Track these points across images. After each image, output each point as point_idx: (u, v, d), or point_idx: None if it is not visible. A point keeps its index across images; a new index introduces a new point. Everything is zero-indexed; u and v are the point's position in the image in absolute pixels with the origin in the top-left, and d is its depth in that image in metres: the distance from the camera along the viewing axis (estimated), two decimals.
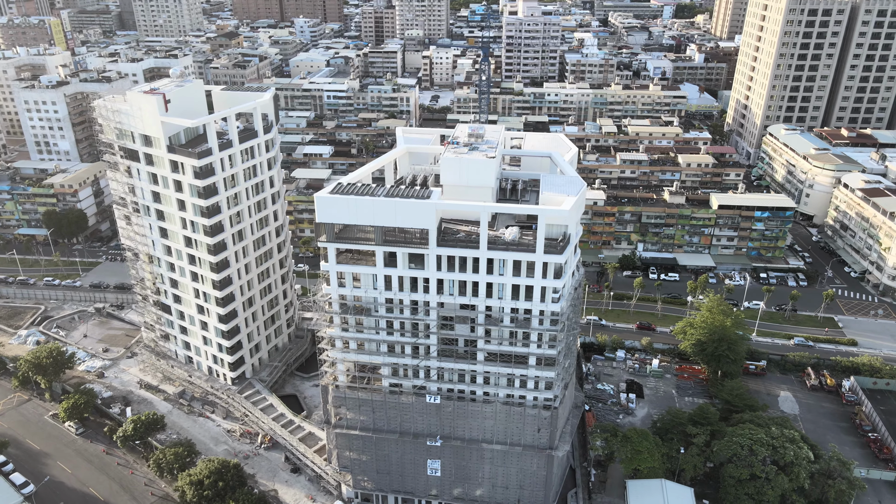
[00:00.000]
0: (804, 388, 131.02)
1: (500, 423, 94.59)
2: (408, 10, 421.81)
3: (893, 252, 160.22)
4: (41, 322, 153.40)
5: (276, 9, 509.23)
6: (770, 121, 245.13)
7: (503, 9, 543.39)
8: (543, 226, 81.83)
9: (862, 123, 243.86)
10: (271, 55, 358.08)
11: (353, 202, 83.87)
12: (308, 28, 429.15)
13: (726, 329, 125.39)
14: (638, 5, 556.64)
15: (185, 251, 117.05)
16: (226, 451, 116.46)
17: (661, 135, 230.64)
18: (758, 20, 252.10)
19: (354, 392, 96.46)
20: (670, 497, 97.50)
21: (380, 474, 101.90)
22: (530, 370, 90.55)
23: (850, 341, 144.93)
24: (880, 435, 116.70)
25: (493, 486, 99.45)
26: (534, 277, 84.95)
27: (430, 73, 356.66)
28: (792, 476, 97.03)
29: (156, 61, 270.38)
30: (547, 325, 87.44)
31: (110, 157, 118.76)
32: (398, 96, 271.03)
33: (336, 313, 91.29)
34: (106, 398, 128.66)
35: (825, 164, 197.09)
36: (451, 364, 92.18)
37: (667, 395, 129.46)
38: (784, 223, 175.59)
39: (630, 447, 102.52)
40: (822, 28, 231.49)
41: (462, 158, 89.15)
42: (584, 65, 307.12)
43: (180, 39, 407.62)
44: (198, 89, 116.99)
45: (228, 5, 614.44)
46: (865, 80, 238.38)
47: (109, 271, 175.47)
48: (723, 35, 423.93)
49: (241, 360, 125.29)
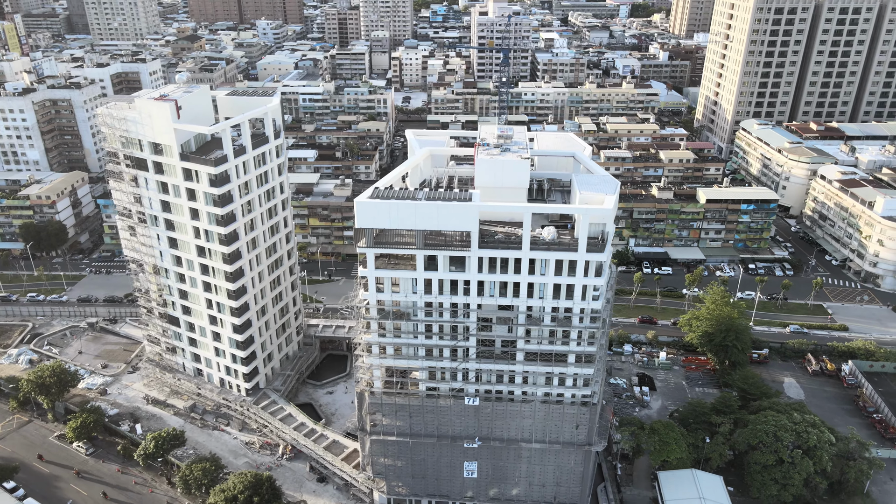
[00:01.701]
0: (806, 374, 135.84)
1: (538, 421, 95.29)
2: (372, 11, 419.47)
3: (874, 240, 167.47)
4: (31, 340, 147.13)
5: (234, 10, 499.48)
6: (740, 116, 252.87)
7: (465, 9, 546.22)
8: (587, 225, 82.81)
9: (826, 117, 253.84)
10: (237, 58, 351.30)
11: (394, 206, 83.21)
12: (271, 30, 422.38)
13: (733, 320, 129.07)
14: (595, 5, 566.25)
15: (198, 261, 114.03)
16: (247, 464, 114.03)
17: (640, 132, 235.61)
18: (725, 19, 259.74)
19: (391, 398, 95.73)
20: (702, 485, 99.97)
21: (415, 479, 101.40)
22: (569, 368, 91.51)
23: (841, 327, 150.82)
24: (884, 416, 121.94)
25: (529, 485, 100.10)
26: (575, 276, 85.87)
27: (400, 74, 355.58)
28: (815, 459, 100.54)
29: (122, 66, 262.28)
30: (587, 322, 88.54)
31: (114, 167, 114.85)
32: (375, 98, 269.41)
33: (374, 319, 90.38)
34: (112, 416, 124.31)
35: (800, 157, 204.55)
36: (490, 365, 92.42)
37: (678, 387, 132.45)
38: (768, 215, 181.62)
39: (657, 439, 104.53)
40: (787, 26, 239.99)
41: (497, 160, 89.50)
42: (555, 64, 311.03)
43: (138, 43, 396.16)
44: (205, 95, 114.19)
45: (182, 8, 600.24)
46: (829, 75, 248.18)
47: (96, 284, 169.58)
48: (681, 33, 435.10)
49: (255, 371, 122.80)
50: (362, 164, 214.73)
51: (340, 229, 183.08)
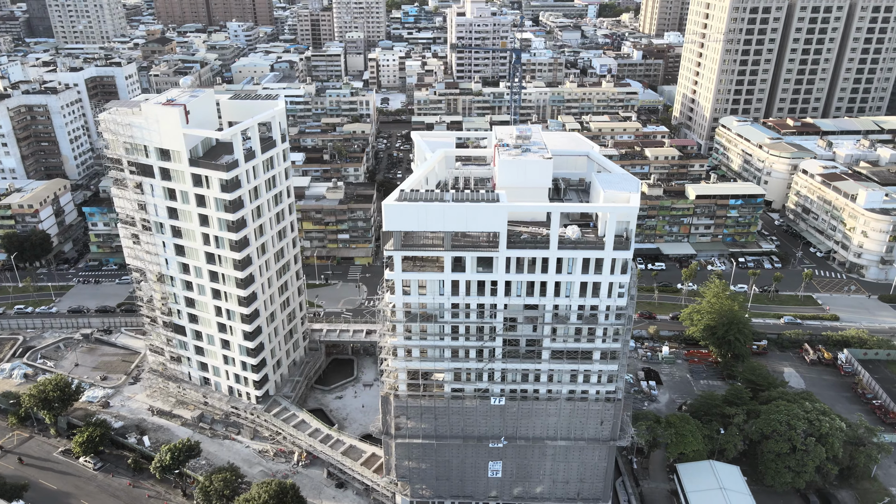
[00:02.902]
0: (804, 364, 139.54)
1: (563, 418, 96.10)
2: (345, 12, 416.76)
3: (858, 231, 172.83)
4: (23, 353, 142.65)
5: (202, 12, 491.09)
6: (718, 113, 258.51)
7: (436, 9, 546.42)
8: (614, 223, 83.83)
9: (800, 113, 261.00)
10: (210, 61, 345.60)
11: (422, 209, 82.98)
12: (242, 32, 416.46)
13: (734, 313, 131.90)
14: (563, 5, 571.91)
15: (207, 268, 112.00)
16: (262, 473, 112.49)
17: (623, 130, 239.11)
18: (700, 18, 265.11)
19: (416, 400, 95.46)
20: (721, 476, 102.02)
21: (439, 481, 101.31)
22: (594, 365, 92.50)
23: (832, 316, 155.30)
24: (883, 402, 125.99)
25: (553, 482, 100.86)
26: (601, 274, 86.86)
27: (378, 75, 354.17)
28: (827, 446, 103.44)
29: (97, 70, 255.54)
30: (612, 319, 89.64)
31: (117, 174, 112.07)
32: (357, 100, 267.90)
33: (401, 322, 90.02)
34: (118, 428, 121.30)
35: (781, 153, 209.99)
36: (516, 364, 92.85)
37: (683, 380, 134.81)
38: (755, 209, 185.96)
39: (674, 431, 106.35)
40: (762, 24, 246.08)
41: (520, 160, 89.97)
42: (534, 64, 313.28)
43: (105, 46, 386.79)
44: (210, 99, 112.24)
45: (146, 10, 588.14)
46: (802, 72, 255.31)
47: (85, 294, 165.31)
48: (651, 32, 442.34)
49: (265, 378, 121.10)
50: (351, 167, 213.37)
51: (334, 232, 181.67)
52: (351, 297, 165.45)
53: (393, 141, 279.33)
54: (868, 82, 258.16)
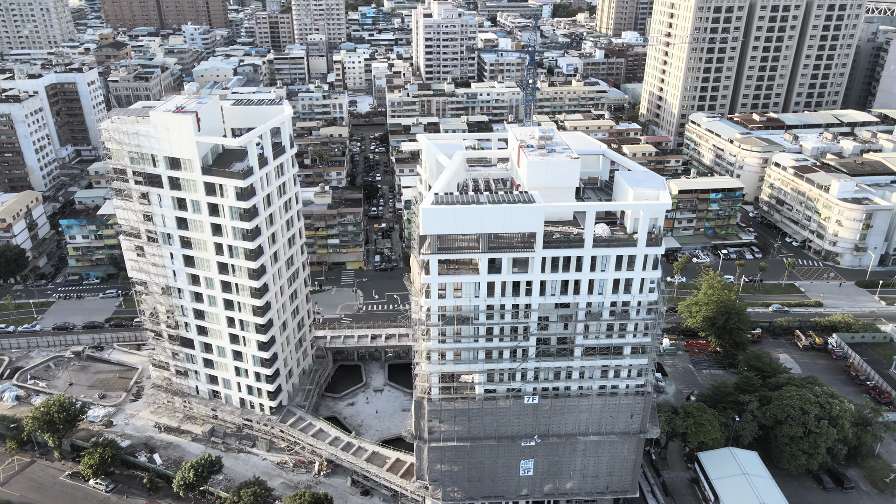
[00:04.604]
0: (797, 350, 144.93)
1: (595, 414, 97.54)
2: (305, 14, 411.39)
3: (833, 221, 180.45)
4: (12, 375, 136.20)
5: (153, 15, 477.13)
6: (686, 110, 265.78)
7: (392, 10, 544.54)
8: (647, 220, 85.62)
9: (762, 108, 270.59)
10: (170, 65, 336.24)
11: (459, 211, 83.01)
12: (199, 35, 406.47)
13: (733, 303, 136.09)
14: (518, 5, 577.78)
15: (219, 278, 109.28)
16: (283, 485, 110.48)
17: (597, 128, 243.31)
18: (665, 17, 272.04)
19: (450, 403, 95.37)
20: (742, 462, 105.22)
21: (471, 482, 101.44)
22: (625, 360, 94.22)
23: (816, 303, 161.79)
24: (876, 382, 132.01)
25: (583, 477, 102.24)
26: (633, 270, 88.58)
27: (344, 77, 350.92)
28: (838, 428, 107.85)
29: (58, 76, 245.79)
30: (643, 314, 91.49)
31: (120, 184, 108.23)
32: (330, 103, 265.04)
33: (436, 325, 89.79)
34: (126, 447, 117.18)
35: (752, 147, 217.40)
36: (549, 363, 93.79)
37: (686, 371, 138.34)
38: (735, 202, 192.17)
39: (693, 421, 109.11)
40: (725, 24, 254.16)
41: (548, 161, 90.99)
42: (501, 64, 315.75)
43: (54, 52, 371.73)
44: (216, 105, 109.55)
45: (90, 13, 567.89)
46: (763, 69, 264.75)
47: (68, 310, 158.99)
48: (609, 32, 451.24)
49: (279, 388, 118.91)
50: (333, 171, 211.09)
51: (324, 237, 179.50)
52: (348, 303, 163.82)
53: (367, 143, 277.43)
54: (824, 77, 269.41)
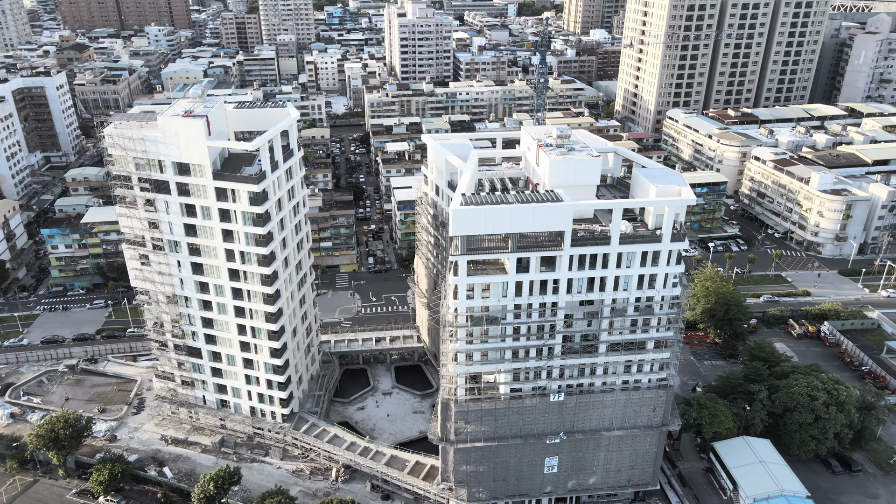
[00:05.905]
0: (792, 338, 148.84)
1: (618, 409, 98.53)
2: (273, 14, 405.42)
3: (814, 212, 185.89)
4: (3, 392, 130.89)
5: (113, 16, 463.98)
6: (662, 106, 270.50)
7: (359, 10, 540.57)
8: (672, 215, 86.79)
9: (734, 103, 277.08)
10: (137, 68, 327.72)
11: (489, 211, 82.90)
12: (164, 37, 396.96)
13: (732, 294, 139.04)
14: (484, 4, 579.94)
15: (229, 285, 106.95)
16: (302, 493, 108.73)
17: (578, 125, 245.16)
18: (639, 16, 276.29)
19: (477, 404, 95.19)
20: (757, 450, 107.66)
21: (496, 482, 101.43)
22: (648, 354, 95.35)
23: (803, 293, 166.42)
24: (871, 367, 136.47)
25: (606, 472, 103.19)
26: (658, 266, 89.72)
27: (316, 78, 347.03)
28: (845, 413, 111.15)
29: (24, 81, 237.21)
30: (666, 309, 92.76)
31: (124, 192, 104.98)
32: (309, 104, 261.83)
33: (464, 326, 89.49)
34: (134, 462, 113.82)
35: (731, 142, 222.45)
36: (574, 360, 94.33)
37: (688, 363, 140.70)
38: (719, 196, 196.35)
39: (707, 412, 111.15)
40: (699, 21, 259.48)
41: (570, 159, 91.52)
42: (477, 63, 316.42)
43: (11, 55, 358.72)
44: (222, 109, 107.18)
45: (44, 15, 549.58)
46: (735, 65, 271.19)
47: (55, 323, 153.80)
48: (577, 30, 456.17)
49: (290, 395, 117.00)
50: (319, 173, 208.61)
51: (317, 241, 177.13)
52: (346, 306, 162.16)
53: (346, 145, 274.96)
54: (793, 73, 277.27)
